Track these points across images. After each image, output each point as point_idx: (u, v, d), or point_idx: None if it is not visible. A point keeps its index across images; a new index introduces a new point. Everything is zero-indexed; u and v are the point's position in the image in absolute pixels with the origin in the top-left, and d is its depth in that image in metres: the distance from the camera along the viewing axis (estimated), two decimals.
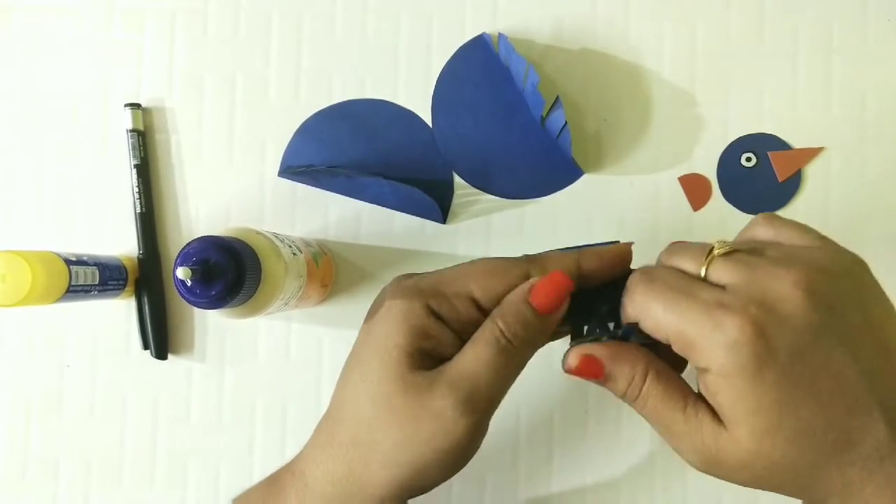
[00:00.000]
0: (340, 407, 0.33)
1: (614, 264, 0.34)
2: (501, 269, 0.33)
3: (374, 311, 0.33)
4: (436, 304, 0.32)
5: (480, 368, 0.31)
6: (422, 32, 0.49)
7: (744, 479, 0.30)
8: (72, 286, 0.41)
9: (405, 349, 0.31)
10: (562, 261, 0.33)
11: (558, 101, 0.46)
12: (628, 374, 0.31)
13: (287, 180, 0.48)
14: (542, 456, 0.47)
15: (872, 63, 0.48)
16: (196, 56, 0.49)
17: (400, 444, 0.31)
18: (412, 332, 0.31)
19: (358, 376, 0.32)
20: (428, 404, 0.30)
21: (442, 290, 0.32)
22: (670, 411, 0.31)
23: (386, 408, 0.31)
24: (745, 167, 0.47)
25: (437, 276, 0.33)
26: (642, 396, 0.31)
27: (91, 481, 0.48)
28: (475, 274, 0.32)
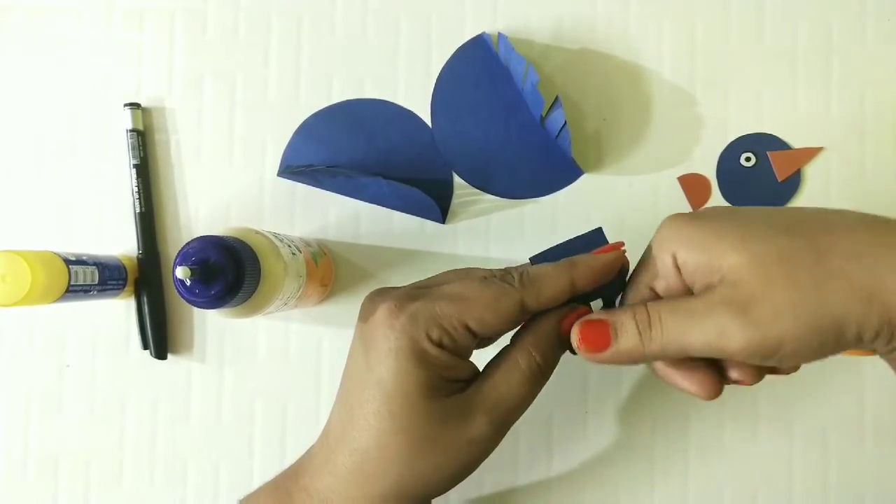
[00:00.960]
0: (358, 437, 0.33)
1: (607, 273, 0.34)
2: (494, 301, 0.33)
3: (369, 342, 0.33)
4: (436, 335, 0.32)
5: (516, 395, 0.33)
6: (422, 32, 0.49)
7: (791, 328, 0.28)
8: (71, 286, 0.41)
9: (422, 384, 0.32)
10: (556, 284, 0.33)
11: (558, 100, 0.46)
12: (630, 314, 0.31)
13: (287, 180, 0.48)
14: (542, 456, 0.47)
15: (872, 63, 0.48)
16: (196, 56, 0.49)
17: (437, 466, 0.33)
18: (424, 368, 0.32)
19: (385, 414, 0.33)
20: (464, 433, 0.33)
21: (439, 321, 0.32)
22: (683, 303, 0.30)
23: (421, 439, 0.33)
24: (745, 167, 0.47)
25: (430, 305, 0.33)
26: (653, 321, 0.30)
27: (91, 481, 0.48)
28: (469, 305, 0.32)
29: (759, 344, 0.28)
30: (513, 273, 0.34)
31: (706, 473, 0.46)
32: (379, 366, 0.32)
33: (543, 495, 0.47)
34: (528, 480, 0.47)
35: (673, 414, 0.47)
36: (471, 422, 0.33)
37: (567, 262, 0.34)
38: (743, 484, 0.46)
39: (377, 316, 0.33)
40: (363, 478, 0.33)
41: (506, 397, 0.33)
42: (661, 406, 0.47)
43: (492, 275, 0.34)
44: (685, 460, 0.47)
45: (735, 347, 0.29)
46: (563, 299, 0.34)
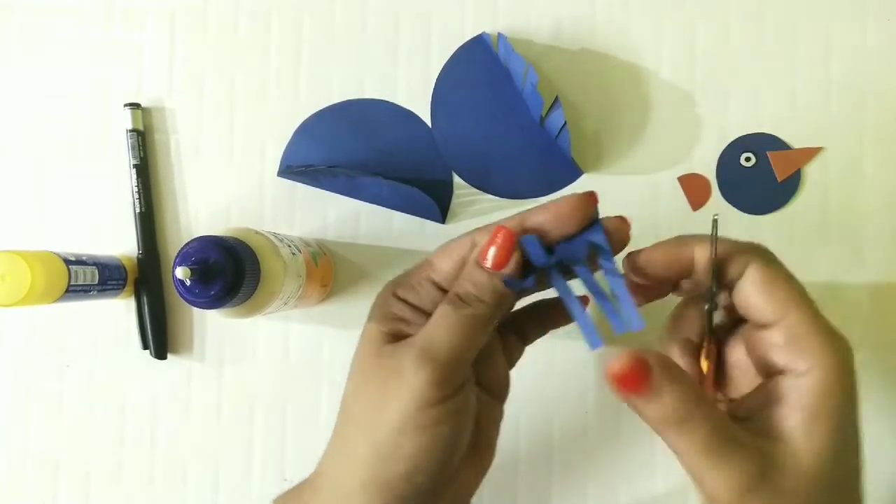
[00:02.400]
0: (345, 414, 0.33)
1: (566, 215, 0.32)
2: (451, 246, 0.33)
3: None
4: (402, 291, 0.33)
5: (437, 329, 0.31)
6: (421, 32, 0.49)
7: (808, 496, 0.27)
8: (71, 286, 0.41)
9: (379, 331, 0.32)
10: (506, 222, 0.32)
11: (557, 100, 0.46)
12: (677, 392, 0.28)
13: (286, 180, 0.48)
14: (542, 456, 0.47)
15: (872, 63, 0.48)
16: (196, 56, 0.49)
17: (375, 407, 0.31)
18: (384, 318, 0.33)
19: (351, 370, 0.33)
20: (391, 364, 0.31)
21: (407, 279, 0.33)
22: (726, 444, 0.28)
23: (361, 379, 0.32)
24: (745, 167, 0.47)
25: (410, 269, 0.34)
26: (690, 424, 0.28)
27: (91, 481, 0.48)
28: (432, 258, 0.33)
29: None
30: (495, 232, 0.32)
31: None
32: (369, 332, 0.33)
33: (543, 495, 0.47)
34: (528, 480, 0.47)
35: None
36: (396, 353, 0.31)
37: (524, 212, 0.33)
38: None
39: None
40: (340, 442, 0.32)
41: (428, 329, 0.31)
42: None
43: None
44: None
45: (714, 490, 0.27)
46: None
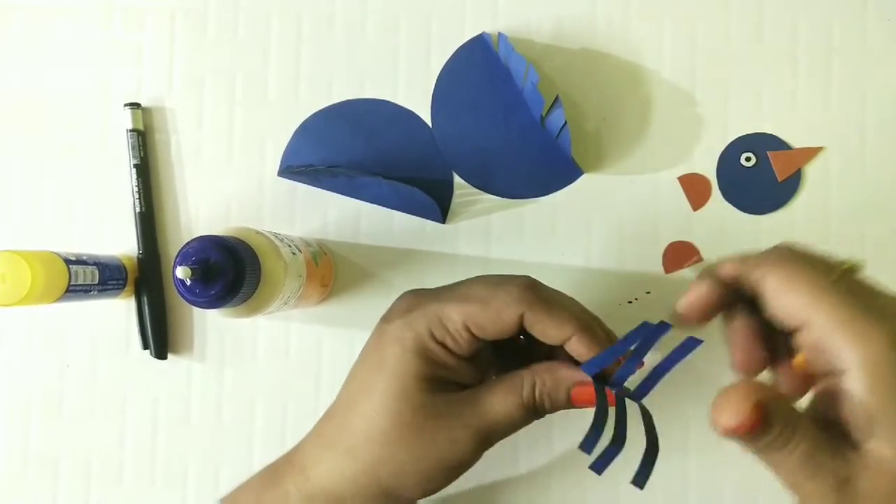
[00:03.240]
0: (350, 414, 0.35)
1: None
2: (495, 311, 0.34)
3: (383, 332, 0.35)
4: (439, 334, 0.34)
5: (506, 416, 0.34)
6: (422, 32, 0.49)
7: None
8: (71, 286, 0.41)
9: (420, 375, 0.34)
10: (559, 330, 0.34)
11: (558, 100, 0.46)
12: (781, 424, 0.26)
13: (287, 180, 0.48)
14: (542, 456, 0.47)
15: (872, 63, 0.48)
16: (196, 56, 0.49)
17: (416, 457, 0.34)
18: (425, 361, 0.34)
19: (377, 395, 0.34)
20: (449, 433, 0.34)
21: (444, 322, 0.34)
22: (819, 456, 0.27)
23: (405, 426, 0.34)
24: (745, 167, 0.47)
25: (439, 305, 0.34)
26: (792, 444, 0.26)
27: (91, 481, 0.48)
28: (472, 310, 0.33)
29: None
30: (531, 284, 0.34)
31: (707, 474, 0.46)
32: (384, 351, 0.34)
33: (543, 495, 0.47)
34: (528, 480, 0.47)
35: (674, 414, 0.47)
36: (457, 424, 0.34)
37: (577, 315, 0.34)
38: (743, 484, 0.46)
39: (394, 309, 0.35)
40: (341, 449, 0.35)
41: (496, 414, 0.34)
42: (661, 406, 0.47)
43: (510, 279, 0.35)
44: (686, 460, 0.47)
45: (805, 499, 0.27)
46: (560, 341, 0.34)
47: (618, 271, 0.47)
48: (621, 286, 0.47)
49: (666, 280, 0.47)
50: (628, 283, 0.47)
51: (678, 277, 0.47)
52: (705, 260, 0.47)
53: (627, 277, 0.47)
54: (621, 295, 0.47)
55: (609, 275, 0.47)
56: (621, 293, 0.47)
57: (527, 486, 0.47)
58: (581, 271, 0.48)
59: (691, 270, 0.34)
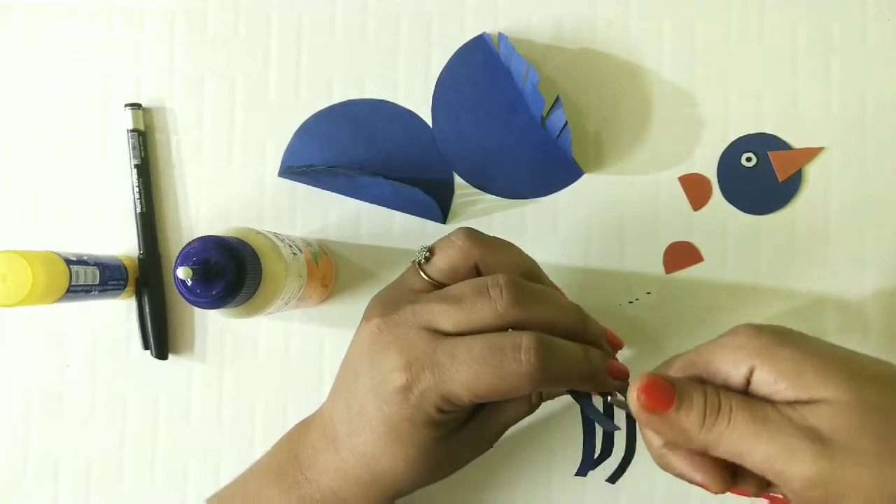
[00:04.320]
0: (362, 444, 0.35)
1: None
2: (505, 388, 0.33)
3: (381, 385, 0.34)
4: (447, 407, 0.33)
5: (514, 422, 0.37)
6: (422, 32, 0.49)
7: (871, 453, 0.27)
8: (72, 286, 0.41)
9: (435, 435, 0.34)
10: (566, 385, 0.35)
11: (558, 100, 0.46)
12: (700, 392, 0.30)
13: (287, 180, 0.48)
14: (542, 456, 0.47)
15: (872, 63, 0.48)
16: (196, 56, 0.49)
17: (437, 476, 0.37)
18: (435, 426, 0.34)
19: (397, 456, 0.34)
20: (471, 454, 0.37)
21: (449, 398, 0.33)
22: (760, 408, 0.28)
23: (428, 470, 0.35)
24: (746, 167, 0.47)
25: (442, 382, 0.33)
26: (723, 410, 0.29)
27: (91, 481, 0.48)
28: (479, 385, 0.32)
29: (825, 479, 0.27)
30: (539, 358, 0.32)
31: None
32: (392, 423, 0.33)
33: (544, 495, 0.47)
34: (528, 481, 0.47)
35: None
36: (482, 442, 0.37)
37: (582, 370, 0.34)
38: None
39: (391, 382, 0.33)
40: (375, 487, 0.35)
41: (507, 421, 0.37)
42: None
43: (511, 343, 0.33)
44: None
45: (798, 474, 0.27)
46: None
47: (618, 271, 0.47)
48: (621, 286, 0.47)
49: (666, 280, 0.47)
50: (629, 284, 0.47)
51: (679, 277, 0.47)
52: (705, 261, 0.47)
53: (628, 278, 0.47)
54: (621, 295, 0.47)
55: (609, 275, 0.47)
56: (621, 293, 0.47)
57: (527, 486, 0.47)
58: (581, 271, 0.48)
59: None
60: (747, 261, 0.47)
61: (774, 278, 0.47)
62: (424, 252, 0.36)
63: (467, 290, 0.34)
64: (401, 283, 0.37)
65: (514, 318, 0.33)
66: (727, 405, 0.29)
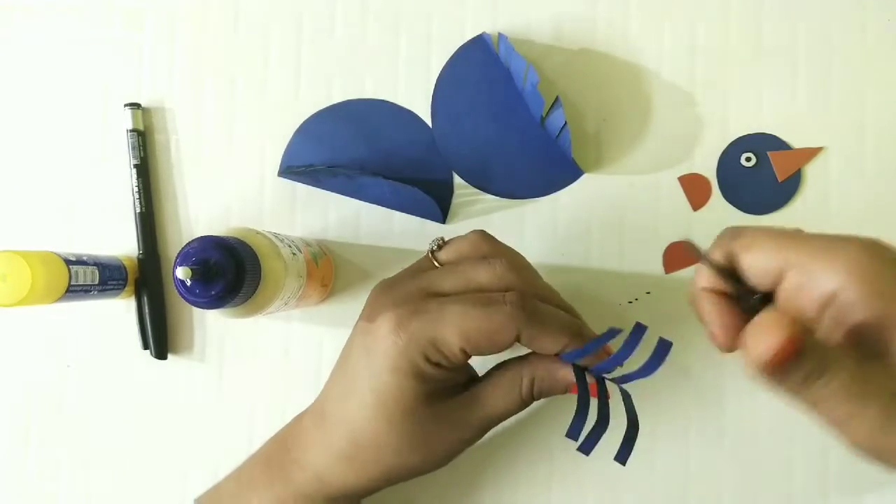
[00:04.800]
0: (351, 427, 0.36)
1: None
2: (492, 333, 0.34)
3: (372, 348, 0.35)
4: (434, 357, 0.34)
5: (505, 412, 0.37)
6: (422, 32, 0.49)
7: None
8: (72, 286, 0.41)
9: (420, 395, 0.35)
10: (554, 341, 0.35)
11: (558, 101, 0.46)
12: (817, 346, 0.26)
13: (287, 180, 0.48)
14: (542, 456, 0.47)
15: (872, 63, 0.48)
16: (196, 56, 0.49)
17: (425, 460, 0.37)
18: (423, 381, 0.34)
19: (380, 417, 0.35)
20: (455, 434, 0.37)
21: (437, 345, 0.34)
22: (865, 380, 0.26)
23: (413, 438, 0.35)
24: (745, 167, 0.47)
25: (432, 326, 0.34)
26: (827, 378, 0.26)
27: (91, 481, 0.48)
28: (467, 333, 0.34)
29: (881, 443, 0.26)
30: (523, 302, 0.34)
31: (707, 475, 0.46)
32: (379, 377, 0.34)
33: (544, 495, 0.47)
34: (528, 480, 0.47)
35: (673, 415, 0.47)
36: (465, 426, 0.36)
37: (569, 325, 0.35)
38: (743, 485, 0.46)
39: (380, 328, 0.35)
40: (358, 463, 0.36)
41: (500, 410, 0.37)
42: (661, 408, 0.47)
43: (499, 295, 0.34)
44: (686, 461, 0.47)
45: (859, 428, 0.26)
46: (555, 352, 0.35)
47: (618, 271, 0.47)
48: (621, 286, 0.47)
49: (666, 280, 0.47)
50: (628, 284, 0.47)
51: (678, 277, 0.47)
52: None
53: (627, 277, 0.47)
54: (621, 295, 0.47)
55: (609, 275, 0.47)
56: (621, 293, 0.47)
57: (527, 486, 0.47)
58: (581, 271, 0.48)
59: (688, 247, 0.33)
60: None
61: None
62: (438, 240, 0.39)
63: (468, 262, 0.37)
64: (410, 268, 0.39)
65: (509, 282, 0.35)
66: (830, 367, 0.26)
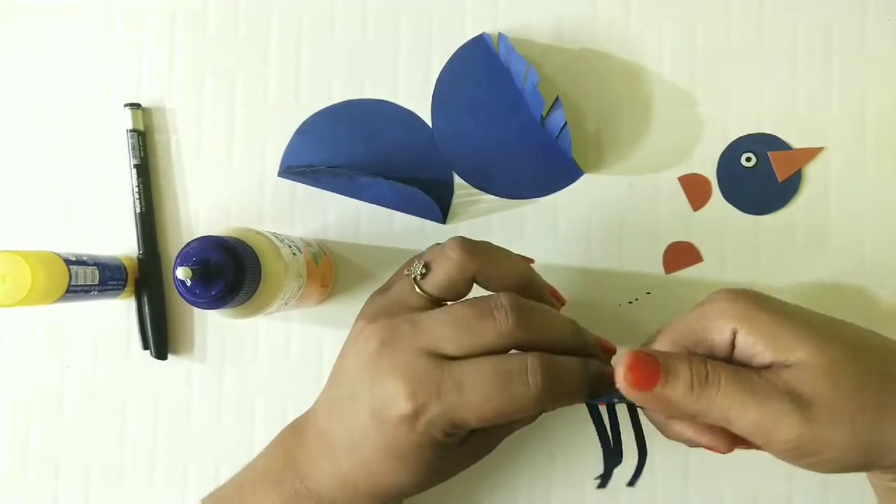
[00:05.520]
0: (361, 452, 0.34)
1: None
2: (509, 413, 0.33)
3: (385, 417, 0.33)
4: (452, 431, 0.33)
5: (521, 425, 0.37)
6: (422, 32, 0.49)
7: (843, 414, 0.29)
8: (72, 286, 0.41)
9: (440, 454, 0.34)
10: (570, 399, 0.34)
11: (558, 101, 0.46)
12: (686, 363, 0.30)
13: (287, 180, 0.48)
14: (542, 456, 0.47)
15: (872, 63, 0.48)
16: (196, 56, 0.49)
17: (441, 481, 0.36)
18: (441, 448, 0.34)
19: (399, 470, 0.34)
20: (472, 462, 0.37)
21: (454, 423, 0.33)
22: (746, 376, 0.30)
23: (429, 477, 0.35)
24: (745, 167, 0.47)
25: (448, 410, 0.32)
26: (711, 380, 0.30)
27: (91, 481, 0.48)
28: (484, 411, 0.32)
29: (807, 441, 0.29)
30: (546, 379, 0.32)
31: (707, 475, 0.46)
32: (397, 446, 0.33)
33: (544, 495, 0.47)
34: (528, 481, 0.47)
35: None
36: (487, 448, 0.37)
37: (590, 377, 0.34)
38: (743, 486, 0.46)
39: (392, 406, 0.33)
40: (366, 489, 0.35)
41: (512, 431, 0.37)
42: None
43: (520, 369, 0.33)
44: (685, 462, 0.47)
45: (784, 437, 0.29)
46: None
47: (618, 271, 0.47)
48: (621, 286, 0.47)
49: (666, 280, 0.47)
50: (628, 284, 0.47)
51: (678, 277, 0.47)
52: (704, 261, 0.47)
53: (627, 278, 0.47)
54: (621, 295, 0.47)
55: (609, 275, 0.47)
56: (621, 293, 0.47)
57: (527, 486, 0.47)
58: (581, 271, 0.48)
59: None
60: (747, 261, 0.47)
61: (774, 278, 0.47)
62: (420, 268, 0.35)
63: (470, 312, 0.33)
64: (397, 298, 0.36)
65: (517, 339, 0.33)
66: (715, 375, 0.30)
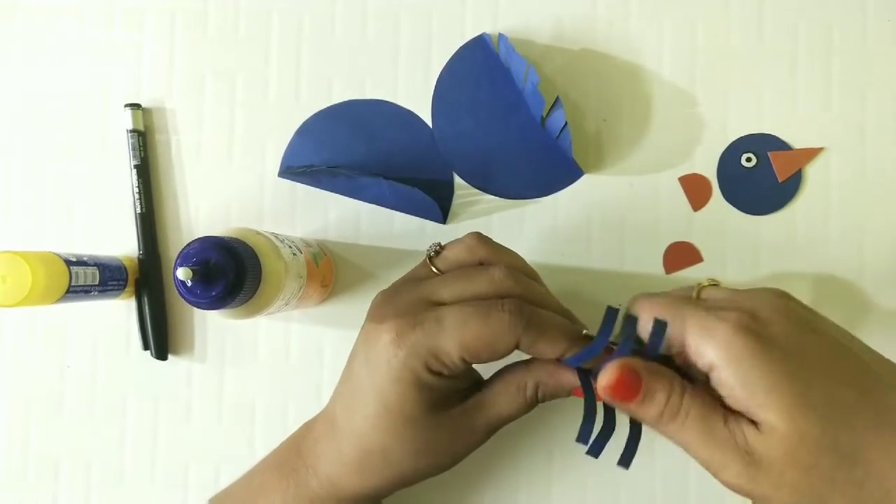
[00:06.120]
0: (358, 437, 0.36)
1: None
2: (492, 341, 0.34)
3: (374, 360, 0.35)
4: (435, 366, 0.35)
5: (514, 414, 0.37)
6: (422, 32, 0.49)
7: (790, 483, 0.30)
8: (72, 286, 0.41)
9: (424, 404, 0.35)
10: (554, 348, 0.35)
11: (558, 101, 0.46)
12: (666, 391, 0.31)
13: (287, 180, 0.48)
14: (542, 456, 0.47)
15: (872, 63, 0.48)
16: (196, 56, 0.49)
17: (432, 465, 0.37)
18: (426, 390, 0.35)
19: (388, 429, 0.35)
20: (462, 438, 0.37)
21: (437, 354, 0.34)
22: (711, 420, 0.31)
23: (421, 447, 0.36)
24: (746, 167, 0.47)
25: (432, 338, 0.34)
26: (682, 411, 0.31)
27: (91, 481, 0.48)
28: (467, 341, 0.34)
29: (748, 492, 0.31)
30: (520, 309, 0.34)
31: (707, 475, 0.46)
32: (382, 388, 0.35)
33: (543, 495, 0.47)
34: (528, 480, 0.47)
35: None
36: (470, 431, 0.37)
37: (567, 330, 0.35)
38: None
39: (380, 339, 0.35)
40: (368, 470, 0.36)
41: (505, 415, 0.37)
42: None
43: (496, 303, 0.34)
44: (686, 461, 0.46)
45: (726, 481, 0.31)
46: (554, 356, 0.35)
47: (618, 272, 0.47)
48: (621, 286, 0.47)
49: (666, 280, 0.47)
50: (628, 284, 0.47)
51: (679, 278, 0.47)
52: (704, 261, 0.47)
53: (627, 278, 0.47)
54: (621, 295, 0.47)
55: (609, 275, 0.47)
56: (621, 293, 0.47)
57: (527, 486, 0.47)
58: (581, 271, 0.48)
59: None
60: (747, 261, 0.47)
61: (774, 279, 0.47)
62: (435, 246, 0.39)
63: (466, 267, 0.37)
64: (411, 274, 0.39)
65: (507, 288, 0.35)
66: (685, 411, 0.31)
